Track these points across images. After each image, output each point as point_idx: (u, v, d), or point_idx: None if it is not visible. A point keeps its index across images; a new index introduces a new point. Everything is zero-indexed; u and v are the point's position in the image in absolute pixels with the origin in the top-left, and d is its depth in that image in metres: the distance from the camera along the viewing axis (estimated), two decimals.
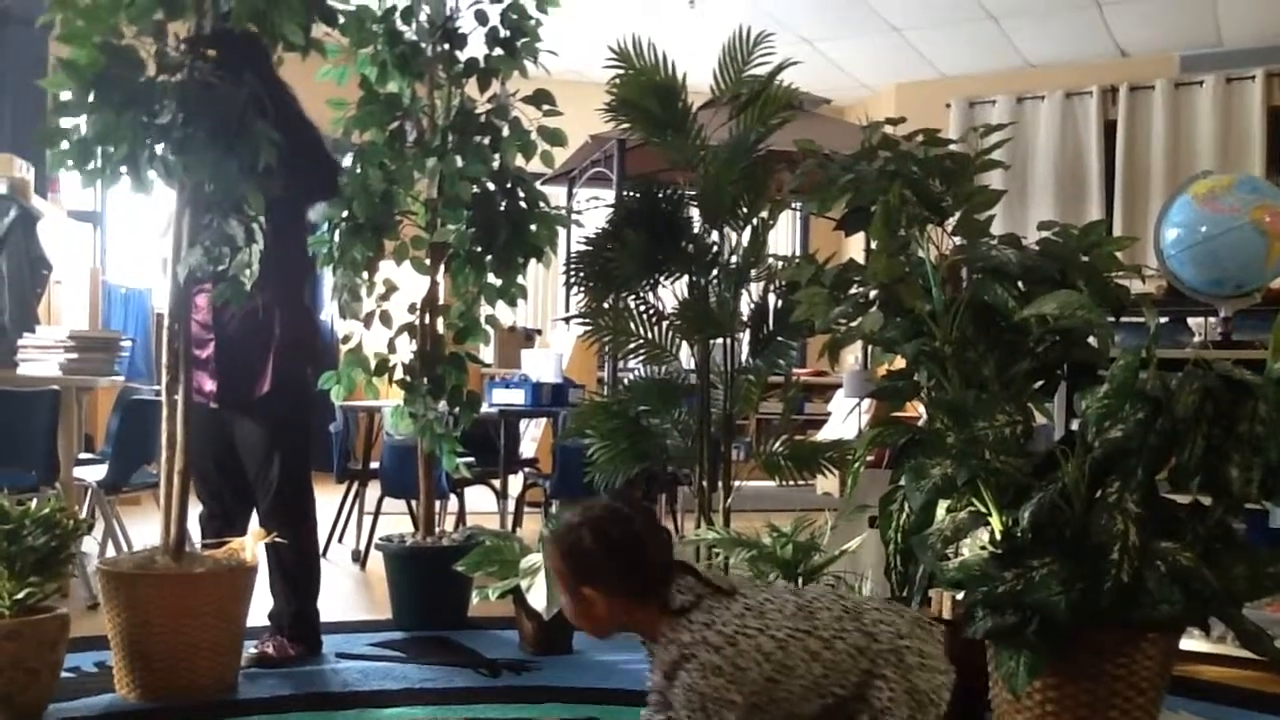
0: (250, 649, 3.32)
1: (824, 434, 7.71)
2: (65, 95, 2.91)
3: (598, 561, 2.02)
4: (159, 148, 2.92)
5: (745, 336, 3.84)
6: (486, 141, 3.88)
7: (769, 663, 1.96)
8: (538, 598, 3.28)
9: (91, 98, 2.85)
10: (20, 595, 2.76)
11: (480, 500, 5.76)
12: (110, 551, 4.40)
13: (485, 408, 5.06)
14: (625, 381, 4.14)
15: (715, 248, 3.74)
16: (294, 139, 3.11)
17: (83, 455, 4.88)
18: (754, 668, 1.95)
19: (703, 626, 1.97)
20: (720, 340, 3.80)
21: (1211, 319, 3.88)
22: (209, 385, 3.41)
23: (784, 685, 1.97)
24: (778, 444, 3.82)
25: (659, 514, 5.53)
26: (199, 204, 3.08)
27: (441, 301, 4.00)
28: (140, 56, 2.95)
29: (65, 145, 2.88)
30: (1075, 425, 2.64)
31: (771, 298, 3.77)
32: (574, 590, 2.05)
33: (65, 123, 2.89)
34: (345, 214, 3.81)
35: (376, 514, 5.19)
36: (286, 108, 3.13)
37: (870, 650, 2.01)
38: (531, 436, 7.09)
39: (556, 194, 7.40)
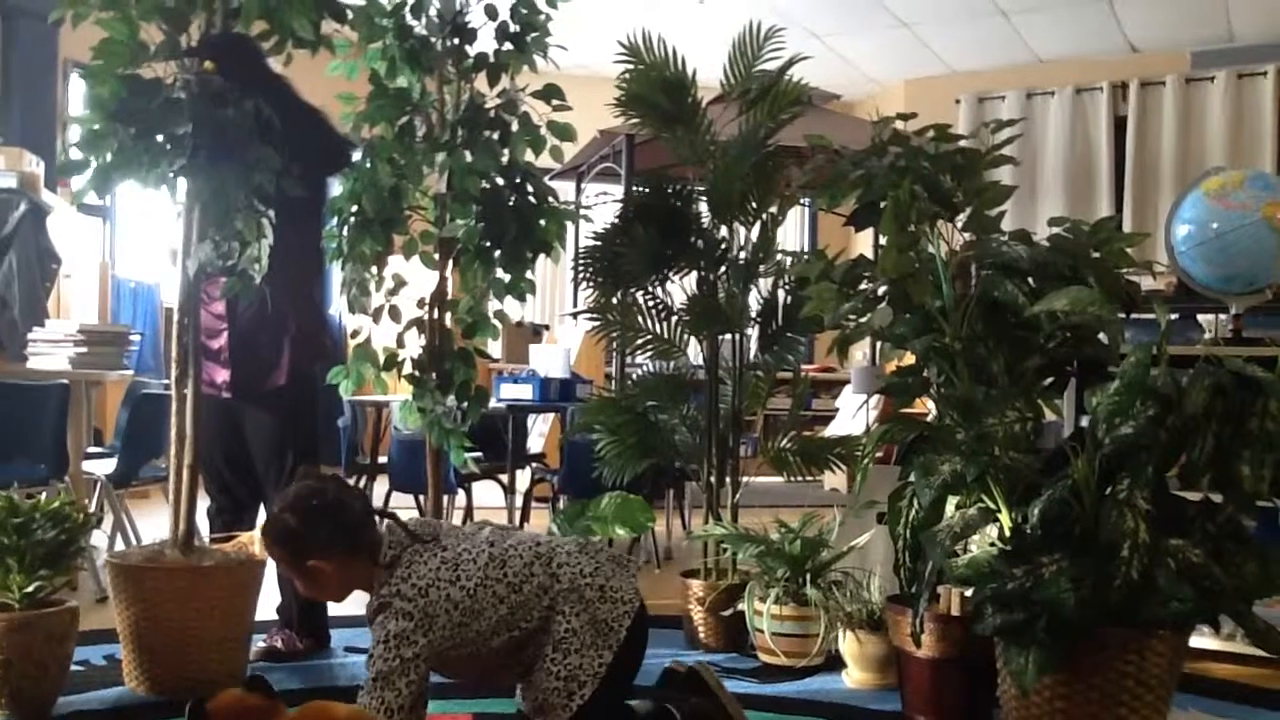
0: (259, 642, 3.33)
1: (832, 430, 7.70)
2: (76, 131, 2.96)
3: (308, 535, 2.33)
4: (169, 162, 2.97)
5: (754, 332, 3.84)
6: (496, 136, 3.87)
7: (458, 610, 2.28)
8: None
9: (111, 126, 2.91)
10: (30, 588, 2.77)
11: (488, 495, 5.75)
12: (119, 545, 4.42)
13: (493, 403, 5.05)
14: (634, 377, 4.14)
15: (724, 243, 3.74)
16: (301, 126, 3.15)
17: (92, 449, 4.89)
18: (443, 615, 2.26)
19: (400, 580, 2.27)
20: (729, 336, 3.79)
21: (1222, 316, 3.87)
22: (221, 376, 3.42)
23: (473, 626, 2.29)
24: (786, 440, 3.82)
25: (666, 508, 5.57)
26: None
27: (450, 296, 4.00)
28: (157, 81, 2.98)
29: (88, 177, 2.94)
30: (1085, 422, 2.64)
31: (780, 293, 3.77)
32: (301, 569, 2.36)
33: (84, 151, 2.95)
34: (354, 209, 3.80)
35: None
36: (286, 98, 3.14)
37: (553, 590, 2.33)
38: (539, 432, 7.08)
39: (565, 189, 7.40)
